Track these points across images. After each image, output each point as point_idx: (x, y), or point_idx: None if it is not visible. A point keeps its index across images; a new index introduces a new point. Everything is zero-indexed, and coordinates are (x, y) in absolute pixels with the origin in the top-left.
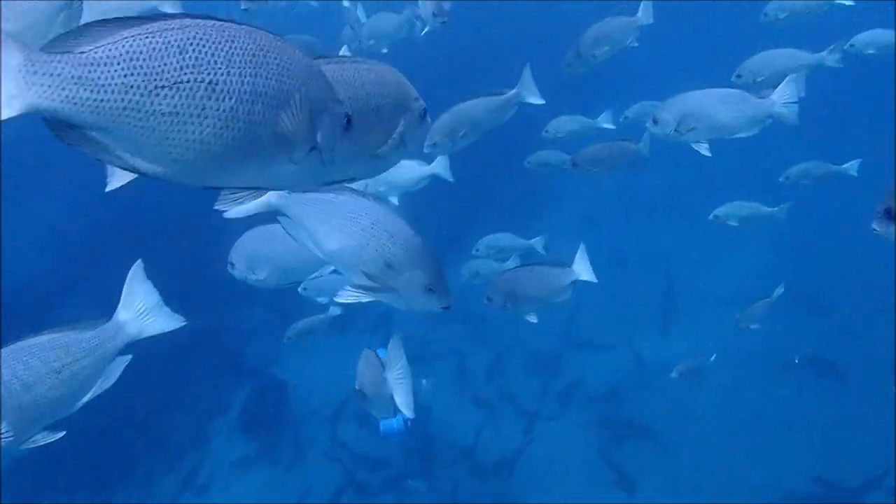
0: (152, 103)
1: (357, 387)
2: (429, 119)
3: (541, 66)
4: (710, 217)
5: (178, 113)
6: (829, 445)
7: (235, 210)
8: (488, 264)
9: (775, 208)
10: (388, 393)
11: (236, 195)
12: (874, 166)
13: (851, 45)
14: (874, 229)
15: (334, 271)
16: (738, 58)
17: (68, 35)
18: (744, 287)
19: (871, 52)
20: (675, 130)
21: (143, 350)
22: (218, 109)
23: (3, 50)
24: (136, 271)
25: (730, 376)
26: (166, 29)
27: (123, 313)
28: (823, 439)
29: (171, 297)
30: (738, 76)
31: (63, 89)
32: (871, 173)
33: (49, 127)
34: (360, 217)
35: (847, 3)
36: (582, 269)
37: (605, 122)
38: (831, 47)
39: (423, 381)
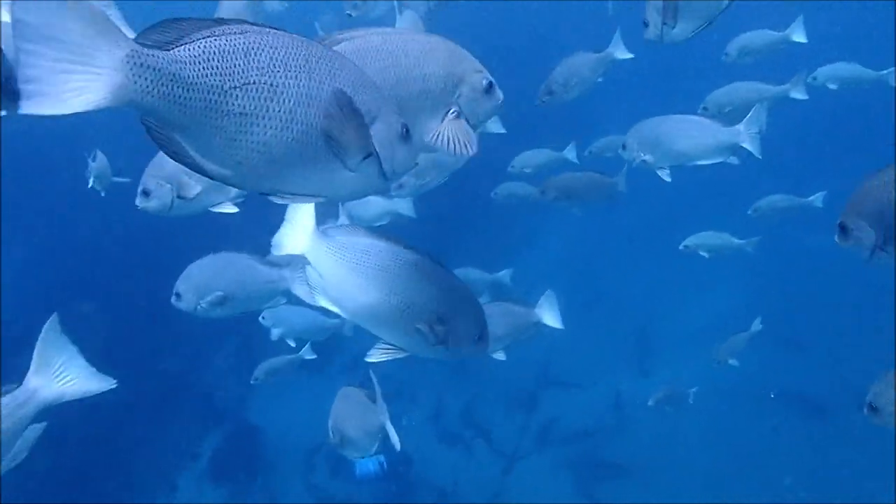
0: (226, 103)
1: (333, 426)
2: (499, 94)
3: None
4: (681, 247)
5: (246, 114)
6: (809, 479)
7: (276, 248)
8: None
9: (744, 241)
10: (370, 430)
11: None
12: (840, 198)
13: (814, 78)
14: (837, 243)
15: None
16: (705, 89)
17: (151, 30)
18: (720, 323)
19: (833, 86)
20: (641, 157)
21: (110, 396)
22: (279, 111)
23: (112, 39)
24: (51, 328)
25: (708, 413)
26: (230, 32)
27: (35, 378)
28: (803, 474)
29: (138, 340)
30: (705, 108)
31: (162, 85)
32: (838, 205)
33: (143, 123)
34: (402, 268)
35: (801, 40)
36: (547, 314)
37: (570, 155)
38: (794, 79)
39: (403, 420)
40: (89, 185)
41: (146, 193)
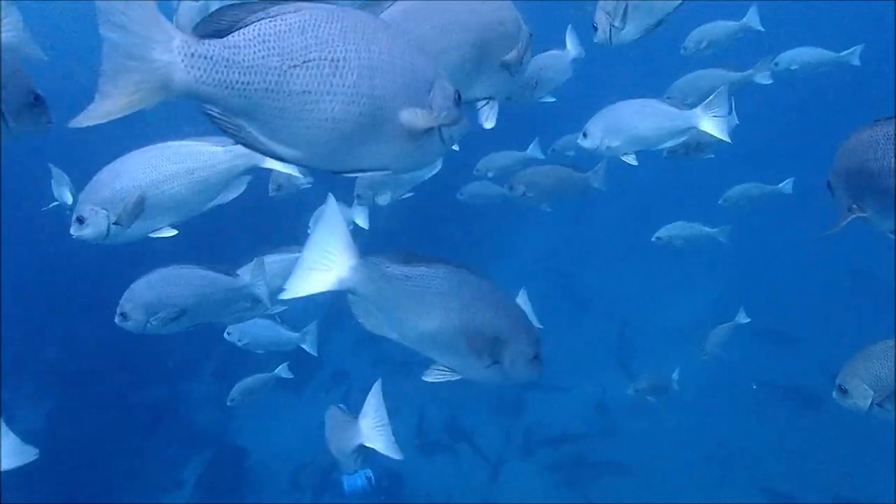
0: (287, 83)
1: (328, 450)
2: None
3: None
4: (653, 239)
5: (309, 91)
6: (796, 471)
7: (296, 293)
8: None
9: (716, 229)
10: (355, 447)
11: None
12: (809, 185)
13: (776, 63)
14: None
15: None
16: (667, 79)
17: (205, 21)
18: (700, 319)
19: (794, 67)
20: (606, 144)
21: (90, 430)
22: (343, 85)
23: (163, 33)
24: None
25: (693, 409)
26: (284, 12)
27: None
28: (790, 466)
29: (113, 371)
30: (668, 98)
31: (217, 72)
32: (807, 192)
33: (206, 113)
34: (459, 290)
35: (758, 27)
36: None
37: (535, 153)
38: (758, 64)
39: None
40: (54, 205)
41: (80, 221)
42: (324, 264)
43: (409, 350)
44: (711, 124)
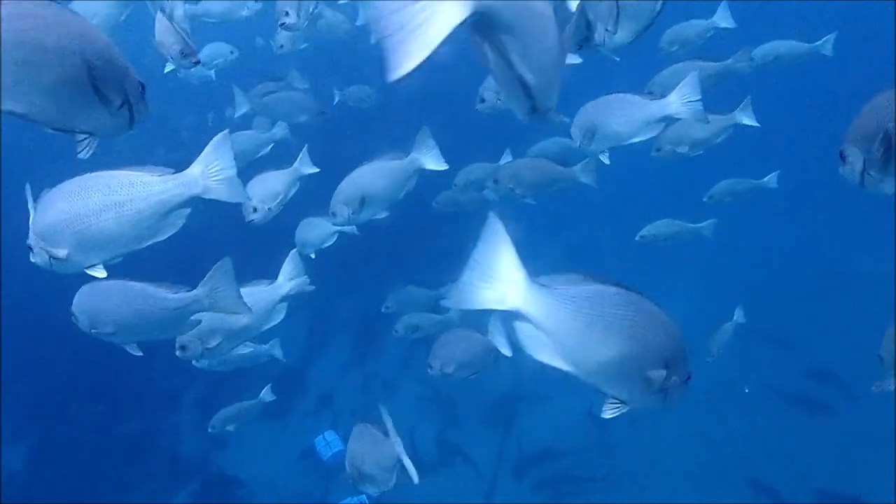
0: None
1: (350, 464)
2: None
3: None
4: (637, 238)
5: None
6: (796, 474)
7: (459, 305)
8: (427, 317)
9: (700, 225)
10: (386, 465)
11: None
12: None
13: (752, 59)
14: (840, 174)
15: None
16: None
17: None
18: (687, 323)
19: (770, 60)
20: (582, 143)
21: (71, 463)
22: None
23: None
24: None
25: (687, 414)
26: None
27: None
28: (786, 468)
29: (93, 403)
30: (649, 92)
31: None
32: (792, 186)
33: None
34: (634, 313)
35: (728, 25)
36: (497, 340)
37: (508, 160)
38: (737, 55)
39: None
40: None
41: (31, 249)
42: (489, 281)
43: (394, 371)
44: (685, 110)
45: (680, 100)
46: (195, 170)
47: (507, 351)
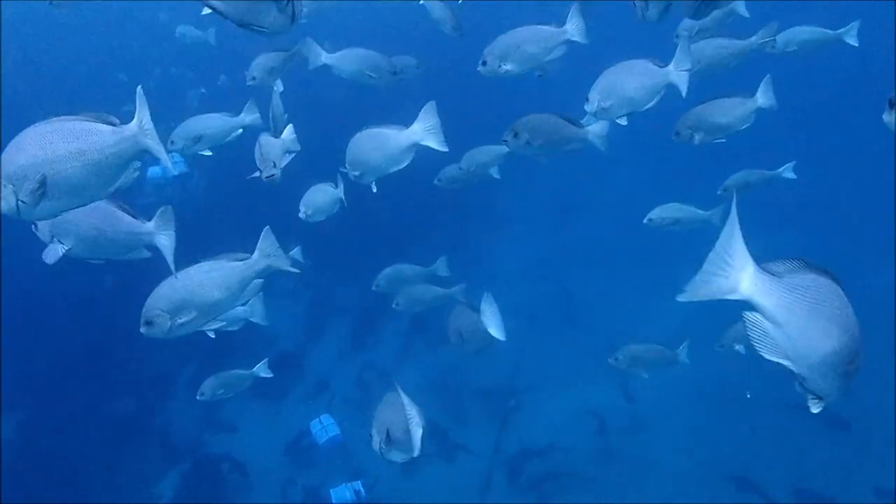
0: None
1: (380, 430)
2: None
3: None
4: (645, 220)
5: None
6: (794, 478)
7: (692, 297)
8: (429, 289)
9: (709, 212)
10: (412, 434)
11: None
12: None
13: (774, 45)
14: (884, 119)
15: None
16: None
17: None
18: (687, 325)
19: (793, 48)
20: (599, 106)
21: (62, 441)
22: None
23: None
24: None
25: (685, 417)
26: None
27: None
28: (784, 472)
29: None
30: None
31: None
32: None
33: None
34: (847, 305)
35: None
36: (489, 322)
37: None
38: (760, 32)
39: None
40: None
41: None
42: (723, 271)
43: (391, 360)
44: (679, 78)
45: (676, 68)
46: (133, 126)
47: (499, 334)
